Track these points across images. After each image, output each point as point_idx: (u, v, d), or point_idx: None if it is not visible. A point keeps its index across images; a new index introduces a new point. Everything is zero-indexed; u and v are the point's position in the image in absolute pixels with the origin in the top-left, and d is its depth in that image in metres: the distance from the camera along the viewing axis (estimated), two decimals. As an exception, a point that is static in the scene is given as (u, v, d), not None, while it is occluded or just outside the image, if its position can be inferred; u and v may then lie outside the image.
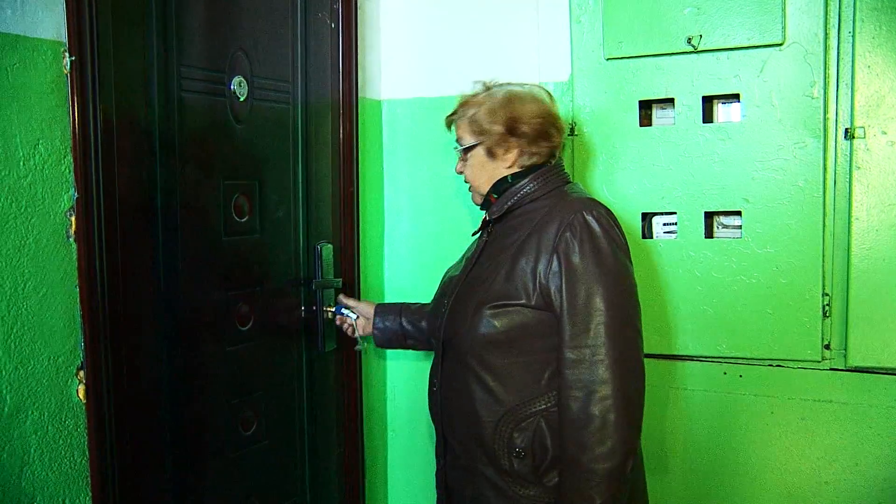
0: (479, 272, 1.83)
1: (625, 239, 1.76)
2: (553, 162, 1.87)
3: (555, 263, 1.69)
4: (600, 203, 1.77)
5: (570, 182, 1.88)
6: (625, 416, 1.66)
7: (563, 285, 1.68)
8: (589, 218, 1.71)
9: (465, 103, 1.90)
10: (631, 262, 1.76)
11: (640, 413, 1.71)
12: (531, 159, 1.83)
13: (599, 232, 1.70)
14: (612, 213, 1.76)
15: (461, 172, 1.93)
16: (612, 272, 1.69)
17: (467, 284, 1.85)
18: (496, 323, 1.73)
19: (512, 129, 1.81)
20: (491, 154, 1.84)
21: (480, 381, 1.75)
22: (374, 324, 2.20)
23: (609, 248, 1.70)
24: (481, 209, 1.94)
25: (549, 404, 1.72)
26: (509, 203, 1.83)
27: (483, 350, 1.75)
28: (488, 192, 1.87)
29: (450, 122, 1.95)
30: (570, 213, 1.72)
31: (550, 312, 1.71)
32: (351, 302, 2.28)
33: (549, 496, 1.72)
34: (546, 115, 1.85)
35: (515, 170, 1.84)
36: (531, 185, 1.82)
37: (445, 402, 1.85)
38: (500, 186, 1.85)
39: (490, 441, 1.74)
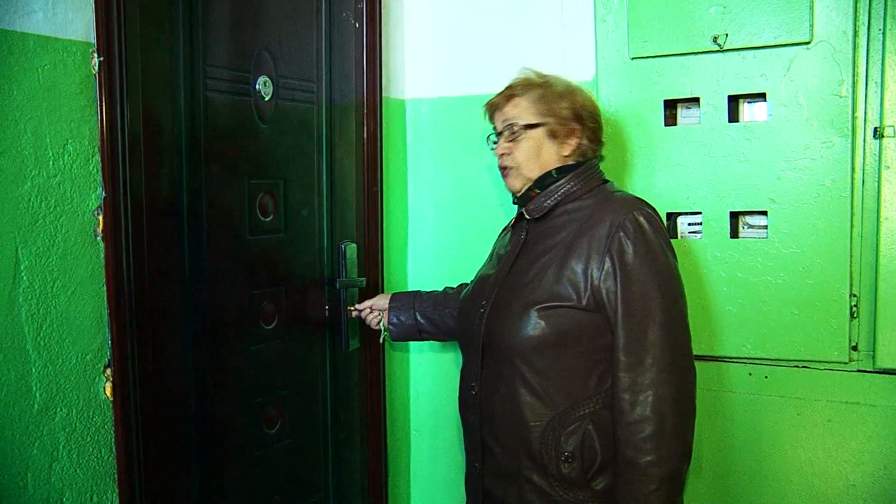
0: (521, 273, 1.79)
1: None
2: (594, 161, 1.86)
3: (608, 264, 1.67)
4: (647, 202, 1.76)
5: (607, 180, 1.86)
6: (681, 419, 1.65)
7: (618, 287, 1.66)
8: (640, 218, 1.70)
9: (526, 84, 1.85)
10: (677, 260, 1.76)
11: (695, 414, 1.70)
12: (585, 153, 1.83)
13: (651, 233, 1.69)
14: (657, 213, 1.76)
15: (505, 154, 1.84)
16: (665, 273, 1.69)
17: (508, 285, 1.81)
18: (545, 324, 1.70)
19: (578, 117, 1.81)
20: (553, 136, 1.80)
21: (527, 385, 1.72)
22: (388, 319, 2.20)
23: (661, 249, 1.70)
24: (515, 200, 1.89)
25: (597, 406, 1.70)
26: (551, 202, 1.80)
27: (531, 352, 1.71)
28: (532, 185, 1.83)
29: (507, 98, 1.85)
30: (621, 214, 1.70)
31: (600, 314, 1.69)
32: (365, 303, 2.25)
33: (597, 500, 1.70)
34: (599, 113, 1.86)
35: (570, 161, 1.81)
36: (572, 183, 1.80)
37: (486, 406, 1.80)
38: (544, 181, 1.81)
39: (537, 445, 1.71)
